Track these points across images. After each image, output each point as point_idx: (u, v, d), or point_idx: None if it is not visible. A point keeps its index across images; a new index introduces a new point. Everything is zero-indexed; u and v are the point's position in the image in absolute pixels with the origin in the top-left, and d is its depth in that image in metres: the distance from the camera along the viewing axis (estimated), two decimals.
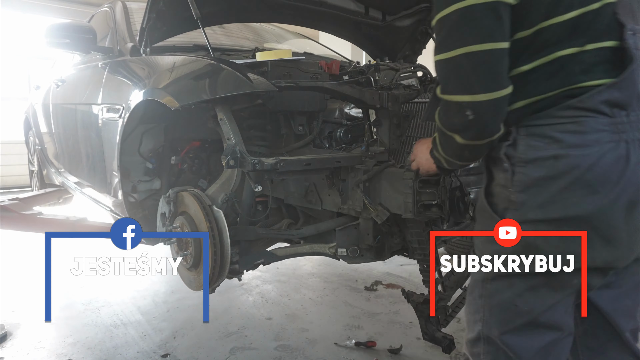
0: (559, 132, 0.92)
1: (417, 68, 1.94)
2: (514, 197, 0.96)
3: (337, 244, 1.76)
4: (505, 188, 0.98)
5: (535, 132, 0.94)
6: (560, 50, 0.93)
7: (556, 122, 0.92)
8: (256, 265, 1.84)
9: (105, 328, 2.51)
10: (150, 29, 2.17)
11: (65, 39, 2.43)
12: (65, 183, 3.40)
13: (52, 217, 2.89)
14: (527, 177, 0.94)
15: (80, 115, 2.72)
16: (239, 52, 2.35)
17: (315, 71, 1.67)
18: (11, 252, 3.74)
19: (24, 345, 2.33)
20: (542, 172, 0.93)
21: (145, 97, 1.88)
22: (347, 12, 2.53)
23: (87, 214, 2.93)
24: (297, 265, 3.63)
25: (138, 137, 2.12)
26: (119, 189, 2.18)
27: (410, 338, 2.41)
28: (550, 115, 0.93)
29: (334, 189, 1.75)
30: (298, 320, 2.65)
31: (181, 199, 1.76)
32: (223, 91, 1.53)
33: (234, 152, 1.48)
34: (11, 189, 6.63)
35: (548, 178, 0.92)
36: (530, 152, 0.94)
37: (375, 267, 3.49)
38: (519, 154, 0.95)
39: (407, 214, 1.46)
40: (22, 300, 2.86)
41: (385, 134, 1.64)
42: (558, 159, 0.91)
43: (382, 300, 2.95)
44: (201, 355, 2.24)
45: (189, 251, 1.68)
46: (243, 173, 1.70)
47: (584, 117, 0.91)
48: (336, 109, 2.04)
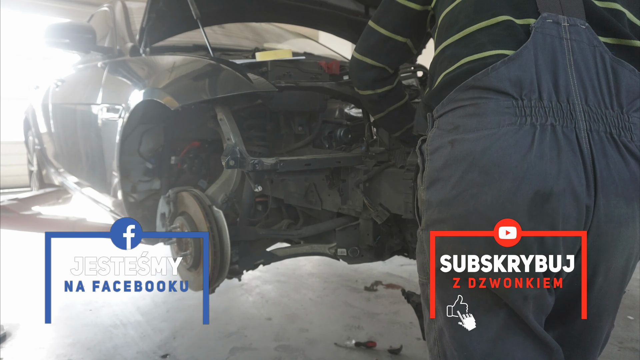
0: (460, 117, 0.86)
1: (417, 68, 1.94)
2: (424, 195, 0.90)
3: (337, 244, 1.76)
4: (419, 187, 0.93)
5: (442, 121, 0.89)
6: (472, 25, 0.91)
7: (458, 106, 0.87)
8: (256, 265, 1.84)
9: (105, 328, 2.51)
10: (150, 28, 2.17)
11: (65, 39, 2.43)
12: (65, 183, 3.39)
13: (51, 217, 2.89)
14: (432, 170, 0.88)
15: (80, 115, 2.72)
16: (239, 52, 2.35)
17: (315, 71, 1.66)
18: (11, 252, 3.74)
19: (24, 346, 2.33)
20: (441, 162, 0.86)
21: (145, 97, 1.88)
22: (347, 12, 2.54)
23: (86, 214, 2.94)
24: (297, 265, 3.63)
25: (138, 137, 2.12)
26: (119, 189, 2.18)
27: (410, 338, 2.41)
28: (452, 99, 0.88)
29: (334, 189, 1.75)
30: (298, 320, 2.65)
31: (181, 199, 1.76)
32: (223, 91, 1.52)
33: (234, 152, 1.48)
34: (11, 189, 6.63)
35: (446, 167, 0.85)
36: (435, 141, 0.89)
37: (375, 267, 3.49)
38: (427, 145, 0.91)
39: (407, 214, 1.46)
40: (22, 300, 2.86)
41: (385, 134, 1.64)
42: (454, 145, 0.85)
43: (382, 300, 2.95)
44: (201, 355, 2.24)
45: (189, 251, 1.68)
46: (243, 173, 1.70)
47: (484, 99, 0.84)
48: (336, 109, 2.03)
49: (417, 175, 0.97)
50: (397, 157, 1.64)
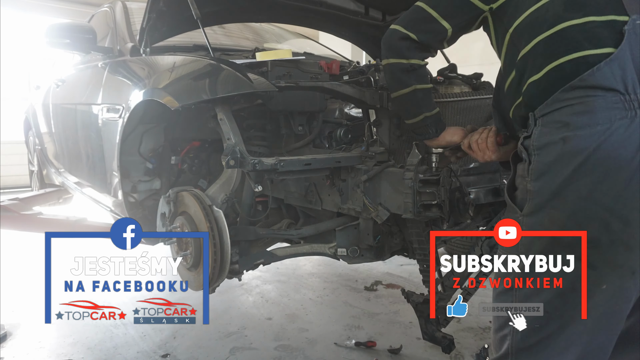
0: (568, 115, 0.93)
1: None
2: (530, 186, 0.98)
3: (337, 244, 1.76)
4: (523, 178, 1.01)
5: (547, 120, 0.97)
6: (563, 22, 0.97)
7: (564, 105, 0.94)
8: (256, 265, 1.84)
9: (105, 328, 2.51)
10: (150, 29, 2.17)
11: (65, 39, 2.43)
12: (65, 183, 3.39)
13: (52, 217, 2.89)
14: (541, 164, 0.96)
15: (80, 115, 2.72)
16: (239, 52, 2.35)
17: (315, 71, 1.66)
18: (11, 252, 3.74)
19: (24, 345, 2.33)
20: (552, 157, 0.94)
21: (145, 97, 1.88)
22: (347, 12, 2.54)
23: (87, 214, 2.93)
24: (297, 265, 3.63)
25: (138, 137, 2.12)
26: (119, 189, 2.18)
27: (410, 338, 2.41)
28: (557, 99, 0.95)
29: (334, 189, 1.75)
30: (298, 320, 2.65)
31: (181, 199, 1.76)
32: (223, 91, 1.53)
33: (234, 152, 1.48)
34: (11, 189, 6.62)
35: (558, 162, 0.93)
36: (542, 138, 0.97)
37: (375, 267, 3.49)
38: (533, 142, 0.98)
39: (407, 214, 1.46)
40: (22, 300, 2.86)
41: (385, 134, 1.64)
42: (566, 141, 0.92)
43: (382, 300, 2.95)
44: (201, 355, 2.24)
45: (189, 251, 1.68)
46: (243, 173, 1.70)
47: (591, 97, 0.91)
48: (336, 109, 2.03)
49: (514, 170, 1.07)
50: (397, 157, 1.64)
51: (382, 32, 2.68)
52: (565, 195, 0.93)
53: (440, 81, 1.92)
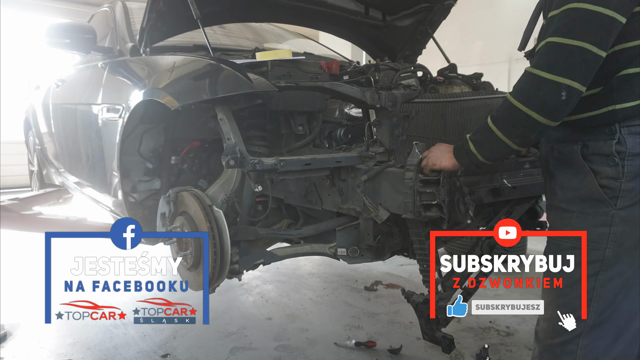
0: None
1: (417, 68, 1.94)
2: (625, 185, 1.18)
3: (337, 244, 1.75)
4: (614, 180, 1.19)
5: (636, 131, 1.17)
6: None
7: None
8: (256, 265, 1.84)
9: (105, 328, 2.51)
10: (150, 29, 2.17)
11: (65, 39, 2.43)
12: (65, 183, 3.39)
13: (52, 217, 2.89)
14: (636, 168, 1.17)
15: (80, 115, 2.72)
16: (239, 52, 2.35)
17: (315, 71, 1.66)
18: (11, 252, 3.74)
19: (24, 345, 2.33)
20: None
21: (145, 97, 1.88)
22: (347, 12, 2.54)
23: (87, 214, 2.93)
24: (297, 265, 3.63)
25: (138, 137, 2.12)
26: (119, 189, 2.18)
27: (410, 338, 2.41)
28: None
29: (334, 189, 1.75)
30: (298, 320, 2.65)
31: (181, 199, 1.76)
32: (223, 91, 1.52)
33: (234, 152, 1.48)
34: (11, 189, 6.63)
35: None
36: (637, 147, 1.17)
37: (375, 267, 3.49)
38: (628, 149, 1.17)
39: (407, 214, 1.46)
40: (22, 300, 2.86)
41: (385, 134, 1.64)
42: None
43: (382, 300, 2.95)
44: (201, 355, 2.24)
45: (189, 251, 1.68)
46: (243, 173, 1.70)
47: None
48: (336, 109, 2.03)
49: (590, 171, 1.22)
50: (397, 157, 1.64)
51: (382, 32, 2.71)
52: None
53: (440, 81, 1.92)
